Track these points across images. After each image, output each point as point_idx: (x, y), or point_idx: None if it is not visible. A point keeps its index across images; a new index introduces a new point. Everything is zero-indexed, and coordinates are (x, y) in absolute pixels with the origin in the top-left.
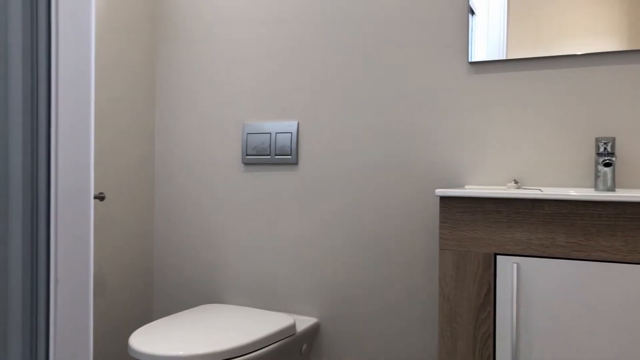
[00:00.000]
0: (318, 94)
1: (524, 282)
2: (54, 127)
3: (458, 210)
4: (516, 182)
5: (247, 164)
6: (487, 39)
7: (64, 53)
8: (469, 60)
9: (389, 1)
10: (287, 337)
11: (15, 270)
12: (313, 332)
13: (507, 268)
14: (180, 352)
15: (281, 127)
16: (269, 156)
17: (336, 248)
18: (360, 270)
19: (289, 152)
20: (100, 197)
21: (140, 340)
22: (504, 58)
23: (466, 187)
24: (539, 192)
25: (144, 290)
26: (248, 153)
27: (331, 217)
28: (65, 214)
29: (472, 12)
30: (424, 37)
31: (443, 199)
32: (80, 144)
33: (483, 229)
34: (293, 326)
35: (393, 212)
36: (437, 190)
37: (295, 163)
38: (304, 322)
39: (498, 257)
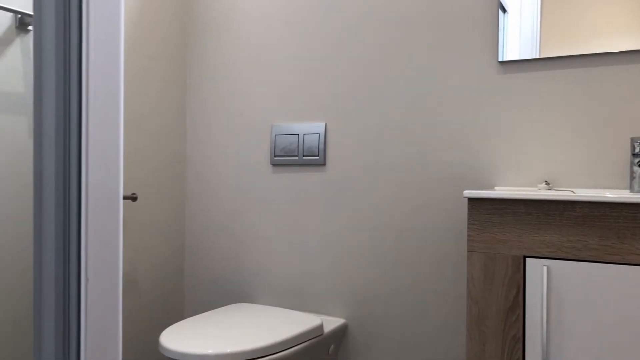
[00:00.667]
0: (345, 95)
1: (554, 285)
2: (84, 130)
3: (487, 211)
4: (547, 183)
5: (275, 165)
6: (520, 37)
7: (94, 57)
8: (499, 60)
9: (417, 2)
10: (314, 338)
11: (48, 269)
12: (341, 333)
13: (537, 271)
14: (210, 351)
15: (309, 128)
16: (296, 157)
17: (364, 249)
18: (388, 271)
19: (317, 153)
20: (132, 198)
21: (171, 338)
22: (537, 57)
23: (496, 188)
24: (571, 193)
25: (175, 289)
26: (276, 154)
27: (359, 217)
28: (95, 214)
29: (504, 10)
30: (453, 36)
31: (471, 200)
32: (110, 145)
33: (512, 231)
34: (320, 327)
35: (421, 212)
36: (465, 192)
37: (323, 164)
38: (331, 323)
39: (527, 259)
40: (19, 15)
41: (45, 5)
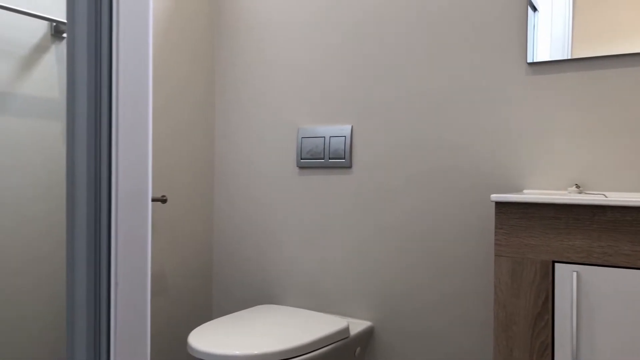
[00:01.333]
0: (372, 97)
1: (584, 291)
2: (114, 135)
3: (514, 215)
4: (578, 187)
5: (301, 167)
6: (551, 36)
7: (124, 63)
8: (528, 61)
9: (443, 2)
10: (340, 340)
11: (80, 272)
12: (367, 336)
13: (567, 276)
14: (237, 352)
15: (335, 130)
16: (323, 160)
17: (390, 252)
18: (414, 275)
19: (343, 156)
20: (162, 200)
21: (199, 338)
22: (569, 58)
23: (525, 191)
24: (602, 197)
25: (203, 290)
26: (302, 157)
27: (385, 220)
28: (125, 217)
29: (534, 9)
30: (480, 37)
31: (498, 204)
32: (139, 150)
33: (540, 236)
34: (347, 329)
35: (448, 216)
36: (492, 196)
37: (349, 166)
38: (358, 326)
39: (556, 264)
40: (54, 24)
41: (77, 14)
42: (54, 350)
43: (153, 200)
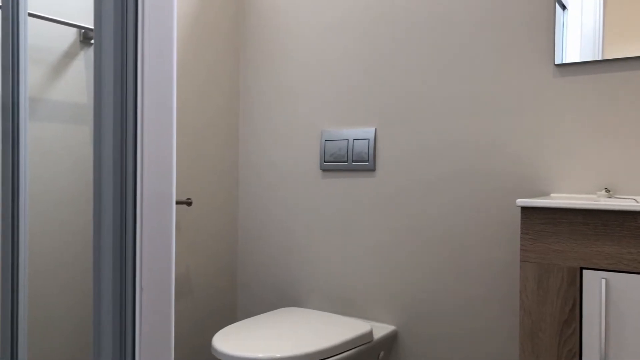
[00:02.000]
0: (395, 100)
1: (613, 299)
2: (139, 139)
3: (540, 221)
4: (608, 191)
5: (325, 170)
6: (581, 36)
7: (149, 69)
8: (556, 62)
9: (467, 2)
10: (364, 344)
11: (106, 277)
12: (391, 340)
13: (595, 283)
14: (260, 355)
15: (358, 133)
16: (346, 162)
17: (414, 255)
18: (438, 279)
19: (367, 159)
20: (187, 203)
21: (223, 340)
22: (600, 59)
23: (552, 195)
24: (633, 202)
25: (228, 292)
26: (326, 159)
27: (409, 223)
28: (150, 221)
29: (563, 7)
30: (505, 37)
31: (524, 209)
32: (163, 153)
33: (568, 242)
34: (370, 333)
35: (473, 219)
36: (518, 200)
37: (372, 169)
38: (381, 330)
39: (584, 271)
40: (83, 30)
41: (104, 21)
42: (82, 351)
43: (178, 203)
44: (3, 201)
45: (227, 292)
